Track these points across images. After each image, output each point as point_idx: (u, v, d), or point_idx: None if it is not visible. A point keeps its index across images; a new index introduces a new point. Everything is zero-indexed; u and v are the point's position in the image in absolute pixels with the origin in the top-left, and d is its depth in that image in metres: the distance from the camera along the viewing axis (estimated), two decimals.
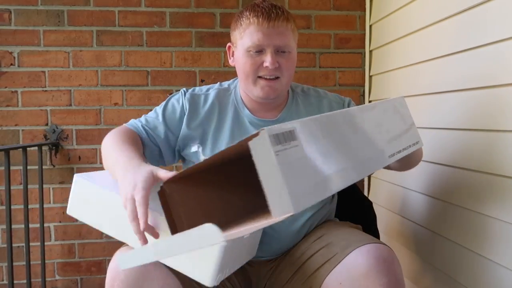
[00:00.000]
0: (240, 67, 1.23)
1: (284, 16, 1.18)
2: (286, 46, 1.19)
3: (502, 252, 1.21)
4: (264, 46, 1.17)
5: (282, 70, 1.20)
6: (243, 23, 1.20)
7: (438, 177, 1.55)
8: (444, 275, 1.50)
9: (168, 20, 2.18)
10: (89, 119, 2.17)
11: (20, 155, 1.89)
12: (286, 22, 1.18)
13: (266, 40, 1.16)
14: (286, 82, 1.23)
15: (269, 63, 1.17)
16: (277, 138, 0.67)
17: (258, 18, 1.16)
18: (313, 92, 1.38)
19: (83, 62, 2.15)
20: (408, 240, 1.77)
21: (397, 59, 1.91)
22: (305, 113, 1.30)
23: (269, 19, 1.15)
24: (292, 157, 0.68)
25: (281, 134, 0.68)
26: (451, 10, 1.45)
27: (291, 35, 1.20)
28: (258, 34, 1.16)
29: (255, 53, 1.18)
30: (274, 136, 0.66)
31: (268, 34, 1.16)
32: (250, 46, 1.18)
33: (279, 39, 1.17)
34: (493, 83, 1.26)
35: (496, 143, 1.25)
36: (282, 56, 1.19)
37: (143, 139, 1.25)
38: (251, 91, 1.24)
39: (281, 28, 1.17)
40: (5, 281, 2.11)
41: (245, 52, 1.19)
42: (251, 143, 0.66)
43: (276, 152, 0.65)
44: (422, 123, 1.67)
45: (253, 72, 1.20)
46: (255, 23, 1.16)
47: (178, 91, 1.34)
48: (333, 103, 1.35)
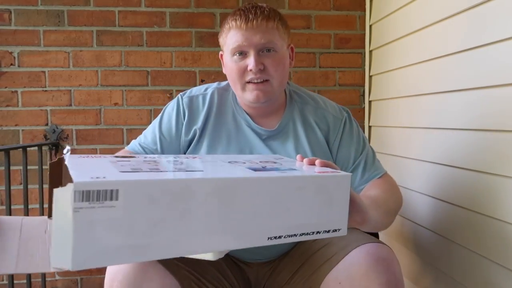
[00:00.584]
0: (229, 75, 1.22)
1: (264, 15, 1.15)
2: (268, 43, 1.15)
3: (502, 252, 1.21)
4: (245, 47, 1.15)
5: (269, 71, 1.16)
6: (225, 28, 1.20)
7: (438, 177, 1.55)
8: (444, 275, 1.50)
9: (168, 20, 2.18)
10: (89, 119, 2.17)
11: (20, 155, 1.89)
12: (267, 21, 1.15)
13: (246, 41, 1.14)
14: (278, 84, 1.20)
15: (251, 65, 1.14)
16: (87, 195, 0.62)
17: (236, 21, 1.15)
18: (311, 101, 1.31)
19: (83, 62, 2.15)
20: (408, 240, 1.77)
21: (397, 59, 1.91)
22: (302, 125, 1.27)
23: (247, 20, 1.14)
24: (99, 216, 0.63)
25: (95, 191, 0.63)
26: (451, 10, 1.45)
27: (276, 33, 1.17)
28: (237, 36, 1.15)
29: (238, 57, 1.17)
30: (82, 192, 0.62)
31: (247, 35, 1.14)
32: (232, 49, 1.17)
33: (260, 38, 1.14)
34: (493, 83, 1.26)
35: (496, 143, 1.25)
36: (267, 56, 1.16)
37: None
38: (241, 96, 1.22)
39: (261, 27, 1.14)
40: (5, 281, 2.11)
41: (230, 58, 1.18)
42: (56, 191, 0.63)
43: (76, 209, 0.61)
44: (422, 123, 1.67)
45: (239, 77, 1.18)
46: (234, 26, 1.16)
47: (178, 91, 1.34)
48: (329, 119, 1.28)
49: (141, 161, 0.83)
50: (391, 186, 1.24)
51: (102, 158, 0.85)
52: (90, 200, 0.63)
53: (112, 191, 0.65)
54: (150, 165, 0.79)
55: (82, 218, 0.62)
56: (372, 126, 2.23)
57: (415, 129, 1.74)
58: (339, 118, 1.28)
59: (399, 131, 1.90)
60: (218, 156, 1.03)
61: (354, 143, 1.27)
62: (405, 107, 1.84)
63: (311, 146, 1.25)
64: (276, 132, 1.25)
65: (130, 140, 2.16)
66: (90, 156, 0.85)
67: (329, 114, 1.28)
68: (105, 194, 0.64)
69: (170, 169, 0.79)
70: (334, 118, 1.28)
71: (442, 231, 1.51)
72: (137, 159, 0.85)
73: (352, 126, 1.29)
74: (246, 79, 1.18)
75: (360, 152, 1.27)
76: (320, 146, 1.26)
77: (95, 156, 0.86)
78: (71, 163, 0.75)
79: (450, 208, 1.45)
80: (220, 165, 0.88)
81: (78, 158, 0.83)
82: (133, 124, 2.19)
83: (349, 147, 1.27)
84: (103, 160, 0.81)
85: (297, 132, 1.26)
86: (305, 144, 1.25)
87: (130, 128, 2.19)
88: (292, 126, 1.26)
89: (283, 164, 0.93)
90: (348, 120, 1.30)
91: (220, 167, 0.86)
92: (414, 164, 1.74)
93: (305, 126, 1.26)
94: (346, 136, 1.27)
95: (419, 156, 1.70)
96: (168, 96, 2.18)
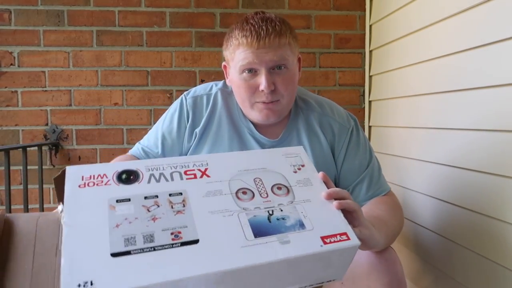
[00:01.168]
0: (236, 91, 1.17)
1: (276, 32, 1.08)
2: (280, 60, 1.10)
3: (502, 252, 1.21)
4: (256, 66, 1.09)
5: (279, 91, 1.12)
6: (233, 43, 1.12)
7: (438, 177, 1.55)
8: (444, 275, 1.50)
9: (168, 20, 2.18)
10: (89, 119, 2.17)
11: (20, 155, 1.89)
12: (279, 38, 1.08)
13: (257, 59, 1.08)
14: (288, 102, 1.16)
15: (264, 86, 1.09)
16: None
17: (246, 39, 1.08)
18: (318, 108, 1.25)
19: (83, 62, 2.15)
20: (408, 240, 1.77)
21: (397, 59, 1.91)
22: (306, 134, 1.22)
23: (258, 38, 1.07)
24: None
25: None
26: (451, 10, 1.45)
27: (287, 48, 1.11)
28: (248, 54, 1.09)
29: (248, 74, 1.11)
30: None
31: (259, 54, 1.08)
32: (242, 66, 1.11)
33: (272, 57, 1.08)
34: (493, 83, 1.26)
35: (496, 143, 1.25)
36: (278, 74, 1.11)
37: None
38: (249, 114, 1.18)
39: (274, 45, 1.08)
40: None
41: (239, 75, 1.13)
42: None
43: None
44: (422, 123, 1.67)
45: (249, 97, 1.13)
46: (244, 44, 1.09)
47: (178, 91, 1.32)
48: (335, 127, 1.23)
49: (140, 217, 0.76)
50: (394, 206, 1.17)
51: (101, 192, 0.79)
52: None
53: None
54: (148, 227, 0.74)
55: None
56: (372, 126, 2.24)
57: (415, 129, 1.74)
58: (346, 127, 1.23)
59: (399, 131, 1.90)
60: (222, 179, 0.89)
61: (359, 155, 1.22)
62: (405, 107, 1.84)
63: (315, 157, 1.20)
64: (279, 143, 1.21)
65: (130, 140, 2.16)
66: (87, 183, 0.80)
67: (335, 122, 1.23)
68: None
69: (165, 241, 0.73)
70: (340, 126, 1.23)
71: (442, 231, 1.51)
72: (135, 211, 0.78)
73: (359, 136, 1.24)
74: (257, 99, 1.13)
75: (366, 166, 1.21)
76: (324, 157, 1.21)
77: (94, 183, 0.81)
78: (66, 235, 0.72)
79: (450, 208, 1.46)
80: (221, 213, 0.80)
81: (72, 196, 0.78)
82: (133, 124, 2.19)
83: (354, 159, 1.21)
84: (101, 208, 0.76)
85: (301, 141, 1.22)
86: (308, 154, 1.19)
87: (130, 128, 2.19)
88: (296, 135, 1.22)
89: (296, 197, 0.85)
90: (355, 130, 1.24)
91: (219, 224, 0.78)
92: (414, 164, 1.74)
93: (309, 135, 1.22)
94: (352, 147, 1.22)
95: (419, 156, 1.70)
96: (168, 96, 2.18)
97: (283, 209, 0.82)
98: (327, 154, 1.21)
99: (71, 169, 0.81)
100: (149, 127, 2.12)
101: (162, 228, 0.74)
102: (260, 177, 0.87)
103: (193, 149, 1.23)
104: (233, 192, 0.83)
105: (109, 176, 0.81)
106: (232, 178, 0.86)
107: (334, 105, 1.29)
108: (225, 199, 0.82)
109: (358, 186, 1.20)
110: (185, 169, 0.86)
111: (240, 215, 0.79)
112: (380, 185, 1.21)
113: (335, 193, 0.86)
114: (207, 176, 0.86)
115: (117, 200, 0.78)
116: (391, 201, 1.18)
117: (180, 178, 0.84)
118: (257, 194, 0.84)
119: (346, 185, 1.21)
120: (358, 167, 1.21)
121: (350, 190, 1.20)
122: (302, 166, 0.92)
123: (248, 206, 0.81)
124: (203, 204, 0.80)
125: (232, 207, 0.80)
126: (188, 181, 0.84)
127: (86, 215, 0.74)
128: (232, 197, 0.82)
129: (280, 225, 0.79)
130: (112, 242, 0.70)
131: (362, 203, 1.19)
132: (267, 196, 0.84)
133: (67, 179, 0.79)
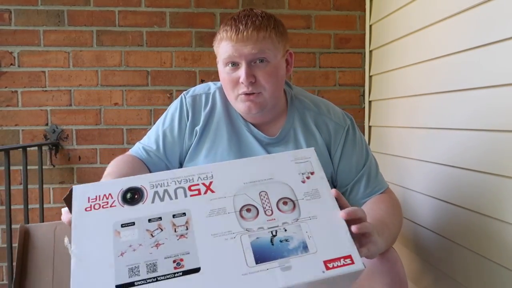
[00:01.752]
0: (223, 85, 1.21)
1: (255, 26, 1.11)
2: (259, 53, 1.12)
3: (502, 252, 1.21)
4: (236, 58, 1.13)
5: (260, 83, 1.14)
6: (217, 38, 1.18)
7: (438, 177, 1.55)
8: (444, 275, 1.50)
9: (168, 20, 2.18)
10: (89, 119, 2.17)
11: (20, 155, 1.89)
12: (257, 31, 1.11)
13: (236, 52, 1.12)
14: (271, 95, 1.17)
15: (242, 79, 1.12)
16: None
17: (227, 32, 1.12)
18: (314, 107, 1.27)
19: (83, 62, 2.15)
20: (408, 240, 1.77)
21: (397, 59, 1.91)
22: (302, 132, 1.23)
23: (237, 31, 1.11)
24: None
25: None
26: (451, 10, 1.45)
27: (268, 42, 1.13)
28: (228, 47, 1.13)
29: (231, 68, 1.15)
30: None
31: (237, 46, 1.11)
32: (223, 59, 1.15)
33: (250, 48, 1.11)
34: (493, 83, 1.26)
35: (496, 143, 1.25)
36: (259, 67, 1.13)
37: (144, 160, 1.25)
38: (235, 106, 1.21)
39: (252, 38, 1.11)
40: (5, 281, 2.11)
41: (223, 68, 1.17)
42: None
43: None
44: (422, 123, 1.68)
45: (231, 89, 1.17)
46: (224, 37, 1.13)
47: (178, 91, 1.32)
48: (330, 126, 1.24)
49: (144, 243, 0.78)
50: (394, 205, 1.18)
51: (107, 215, 0.81)
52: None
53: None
54: (151, 255, 0.76)
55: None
56: (372, 126, 2.24)
57: (415, 129, 1.74)
58: (342, 126, 1.24)
59: (399, 131, 1.91)
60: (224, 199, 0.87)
61: (356, 153, 1.23)
62: (405, 107, 1.84)
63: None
64: (277, 140, 1.23)
65: (130, 140, 2.16)
66: (93, 206, 0.82)
67: (330, 121, 1.24)
68: None
69: (167, 270, 0.75)
70: (336, 125, 1.24)
71: (442, 231, 1.51)
72: (139, 237, 0.79)
73: (355, 135, 1.25)
74: (239, 91, 1.16)
75: (363, 164, 1.23)
76: (321, 155, 1.18)
77: (100, 205, 0.82)
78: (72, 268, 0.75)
79: (450, 208, 1.46)
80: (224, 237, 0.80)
81: (80, 226, 0.80)
82: (133, 124, 2.19)
83: (351, 159, 1.22)
84: (107, 235, 0.79)
85: (298, 139, 1.23)
86: None
87: (130, 128, 2.19)
88: (293, 133, 1.24)
89: (302, 213, 0.83)
90: (351, 128, 1.25)
91: (220, 250, 0.78)
92: (414, 164, 1.74)
93: (306, 133, 1.23)
94: (349, 146, 1.23)
95: (419, 156, 1.70)
96: (168, 96, 2.18)
97: (287, 229, 0.81)
98: (324, 153, 1.22)
99: (77, 190, 0.83)
100: (149, 127, 2.11)
101: (165, 255, 0.76)
102: (266, 190, 0.86)
103: (194, 147, 1.24)
104: (237, 210, 0.83)
105: (114, 196, 0.83)
106: (237, 193, 0.85)
107: (330, 104, 1.30)
108: (229, 218, 0.81)
109: (357, 184, 1.21)
110: (190, 183, 0.86)
111: (242, 238, 0.79)
112: (378, 183, 1.22)
113: (353, 213, 0.85)
114: (212, 191, 0.85)
115: (122, 224, 0.79)
116: (390, 199, 1.19)
117: (184, 195, 0.84)
118: (262, 211, 0.83)
119: (344, 184, 1.22)
120: (355, 166, 1.22)
121: (348, 189, 1.22)
122: (312, 173, 0.90)
123: (252, 227, 0.80)
124: (206, 226, 0.80)
125: (235, 228, 0.80)
126: (192, 199, 0.84)
127: (92, 243, 0.77)
128: (236, 216, 0.82)
129: (283, 248, 0.78)
130: (117, 273, 0.73)
131: (361, 201, 1.20)
132: (272, 213, 0.83)
133: (74, 200, 0.81)
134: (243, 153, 1.22)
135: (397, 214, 1.16)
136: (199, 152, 1.24)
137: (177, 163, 1.28)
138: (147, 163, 1.25)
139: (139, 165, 1.22)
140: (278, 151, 1.21)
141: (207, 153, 1.23)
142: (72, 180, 2.17)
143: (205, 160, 1.23)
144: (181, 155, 1.27)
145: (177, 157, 1.27)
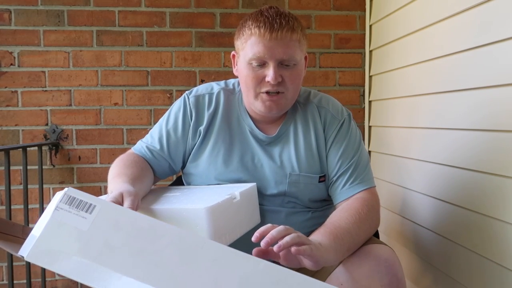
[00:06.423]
0: (242, 80, 1.18)
1: (289, 26, 1.09)
2: (290, 59, 1.11)
3: (502, 252, 1.21)
4: (266, 59, 1.10)
5: (285, 84, 1.13)
6: (245, 33, 1.13)
7: (438, 177, 1.55)
8: (444, 275, 1.50)
9: (168, 20, 2.18)
10: (89, 119, 2.17)
11: (20, 155, 1.89)
12: (291, 33, 1.10)
13: (268, 53, 1.09)
14: (292, 96, 1.17)
15: (271, 78, 1.10)
16: (71, 200, 0.76)
17: (259, 29, 1.09)
18: (316, 101, 1.27)
19: (83, 62, 2.15)
20: (408, 240, 1.77)
21: (397, 59, 1.91)
22: (302, 128, 1.24)
23: (271, 30, 1.08)
24: (70, 221, 0.75)
25: (77, 199, 0.77)
26: (451, 10, 1.45)
27: (297, 46, 1.12)
28: (260, 47, 1.09)
29: (257, 66, 1.12)
30: (69, 197, 0.77)
31: (270, 47, 1.09)
32: (251, 58, 1.11)
33: (283, 52, 1.09)
34: (493, 83, 1.26)
35: (496, 143, 1.25)
36: (286, 69, 1.12)
37: (148, 160, 1.26)
38: (253, 104, 1.19)
39: (285, 40, 1.09)
40: (5, 281, 2.11)
41: (247, 64, 1.13)
42: (57, 193, 0.79)
43: (57, 208, 0.76)
44: (422, 123, 1.68)
45: (254, 86, 1.14)
46: (256, 34, 1.09)
47: (178, 91, 1.33)
48: (328, 117, 1.24)
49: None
50: (363, 213, 1.10)
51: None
52: (71, 205, 0.76)
53: (90, 205, 0.77)
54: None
55: (57, 216, 0.75)
56: (372, 126, 2.24)
57: (415, 129, 1.74)
58: (337, 119, 1.24)
59: (399, 131, 1.91)
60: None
61: (346, 146, 1.22)
62: (405, 107, 1.84)
63: (306, 151, 1.21)
64: (275, 138, 1.23)
65: (130, 140, 2.16)
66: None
67: (328, 113, 1.25)
68: (84, 205, 0.77)
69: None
70: (332, 116, 1.24)
71: (442, 231, 1.51)
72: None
73: (349, 129, 1.24)
74: (262, 89, 1.14)
75: (351, 157, 1.21)
76: (317, 149, 1.23)
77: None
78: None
79: (450, 208, 1.46)
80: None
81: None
82: (133, 124, 2.19)
83: (339, 150, 1.21)
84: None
85: (298, 135, 1.23)
86: (302, 149, 1.22)
87: (130, 128, 2.19)
88: (293, 130, 1.24)
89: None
90: (347, 122, 1.25)
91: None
92: (414, 164, 1.74)
93: (305, 128, 1.24)
94: (340, 138, 1.22)
95: (419, 156, 1.70)
96: (168, 96, 2.18)
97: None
98: (320, 146, 1.23)
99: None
100: (149, 127, 2.12)
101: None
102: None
103: (197, 147, 1.25)
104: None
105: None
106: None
107: (331, 98, 1.31)
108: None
109: (341, 177, 1.20)
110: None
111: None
112: (362, 180, 1.19)
113: (267, 233, 0.88)
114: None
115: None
116: (361, 205, 1.12)
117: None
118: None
119: (331, 176, 1.22)
120: (343, 158, 1.20)
121: (333, 180, 1.21)
122: None
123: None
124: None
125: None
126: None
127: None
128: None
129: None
130: None
131: (341, 195, 1.19)
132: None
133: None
134: (244, 154, 1.23)
135: (365, 221, 1.09)
136: (202, 152, 1.25)
137: (180, 163, 1.29)
138: (152, 164, 1.26)
139: (145, 166, 1.24)
140: (277, 150, 1.23)
141: (209, 153, 1.24)
142: (72, 180, 2.17)
143: (208, 160, 1.24)
144: (184, 155, 1.27)
145: (181, 157, 1.27)
